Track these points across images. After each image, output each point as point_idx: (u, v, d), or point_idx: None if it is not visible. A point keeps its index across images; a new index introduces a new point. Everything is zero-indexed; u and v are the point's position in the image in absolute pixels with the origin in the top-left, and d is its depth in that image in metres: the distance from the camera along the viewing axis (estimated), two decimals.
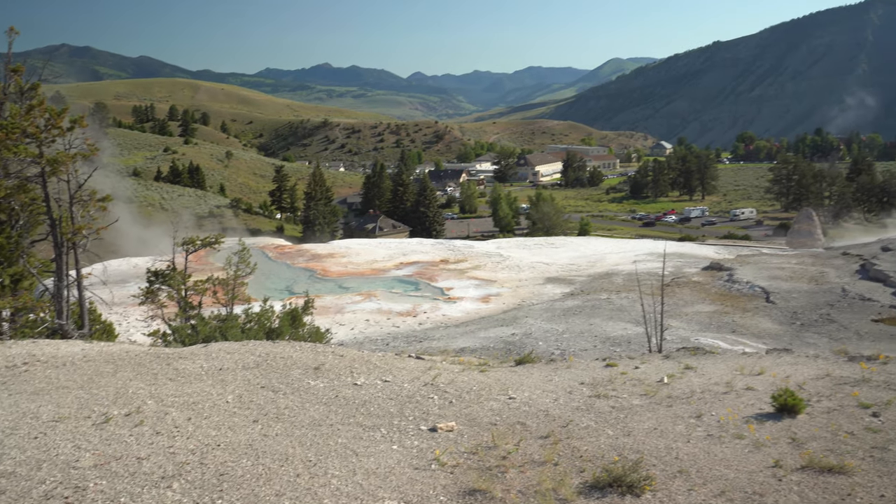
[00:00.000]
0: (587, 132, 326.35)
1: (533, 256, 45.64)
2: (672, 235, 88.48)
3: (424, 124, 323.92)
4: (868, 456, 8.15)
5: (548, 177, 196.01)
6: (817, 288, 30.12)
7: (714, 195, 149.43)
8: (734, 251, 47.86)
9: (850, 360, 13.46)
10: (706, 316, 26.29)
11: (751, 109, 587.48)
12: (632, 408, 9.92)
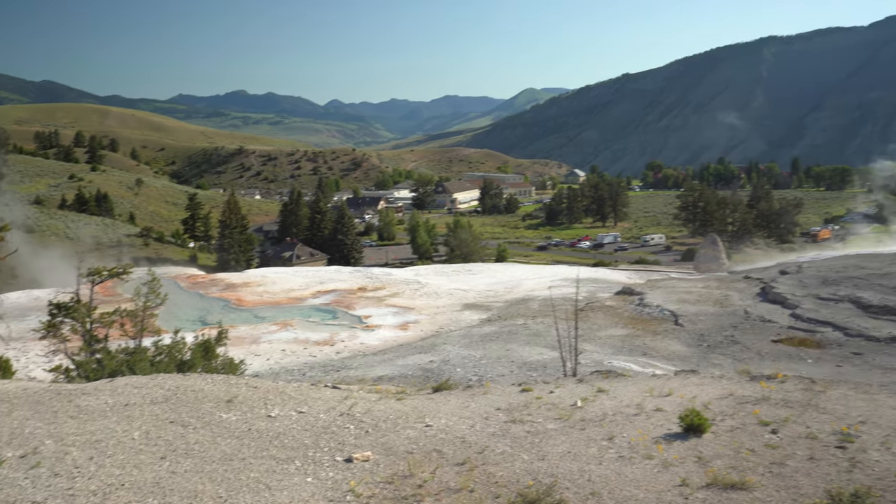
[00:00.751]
0: (503, 160, 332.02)
1: (451, 283, 45.89)
2: (586, 261, 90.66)
3: (342, 152, 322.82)
4: (767, 472, 8.51)
5: (465, 204, 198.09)
6: (722, 310, 31.33)
7: (626, 221, 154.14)
8: (645, 276, 49.35)
9: (752, 379, 14.06)
10: (619, 339, 26.96)
11: (659, 139, 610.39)
12: (546, 432, 10.07)
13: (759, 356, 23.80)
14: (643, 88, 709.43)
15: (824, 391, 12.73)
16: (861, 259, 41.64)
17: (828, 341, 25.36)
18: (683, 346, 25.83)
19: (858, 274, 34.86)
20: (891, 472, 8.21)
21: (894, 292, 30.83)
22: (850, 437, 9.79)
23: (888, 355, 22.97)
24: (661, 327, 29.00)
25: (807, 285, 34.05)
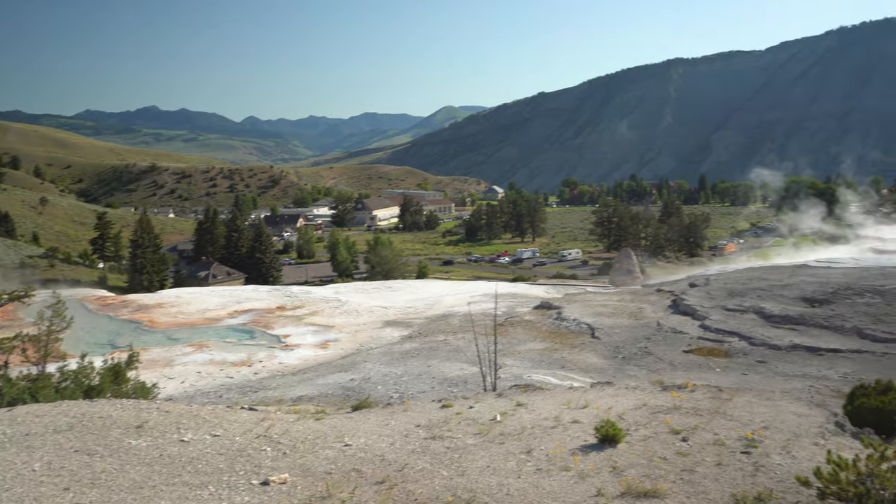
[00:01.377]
0: (423, 177, 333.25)
1: (371, 300, 45.64)
2: (505, 276, 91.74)
3: (259, 169, 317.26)
4: (678, 479, 8.79)
5: (385, 221, 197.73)
6: (636, 323, 32.22)
7: (543, 237, 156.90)
8: (563, 290, 50.29)
9: (664, 389, 14.51)
10: (538, 353, 27.36)
11: (574, 156, 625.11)
12: (466, 447, 10.13)
13: (672, 366, 24.57)
14: (558, 107, 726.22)
15: (731, 399, 13.26)
16: (764, 271, 43.61)
17: (734, 350, 26.41)
18: (600, 359, 26.43)
19: (761, 285, 36.49)
20: (791, 474, 8.60)
21: (794, 303, 32.41)
22: (755, 442, 10.22)
23: (789, 363, 24.10)
24: (578, 340, 29.59)
25: (714, 297, 35.40)
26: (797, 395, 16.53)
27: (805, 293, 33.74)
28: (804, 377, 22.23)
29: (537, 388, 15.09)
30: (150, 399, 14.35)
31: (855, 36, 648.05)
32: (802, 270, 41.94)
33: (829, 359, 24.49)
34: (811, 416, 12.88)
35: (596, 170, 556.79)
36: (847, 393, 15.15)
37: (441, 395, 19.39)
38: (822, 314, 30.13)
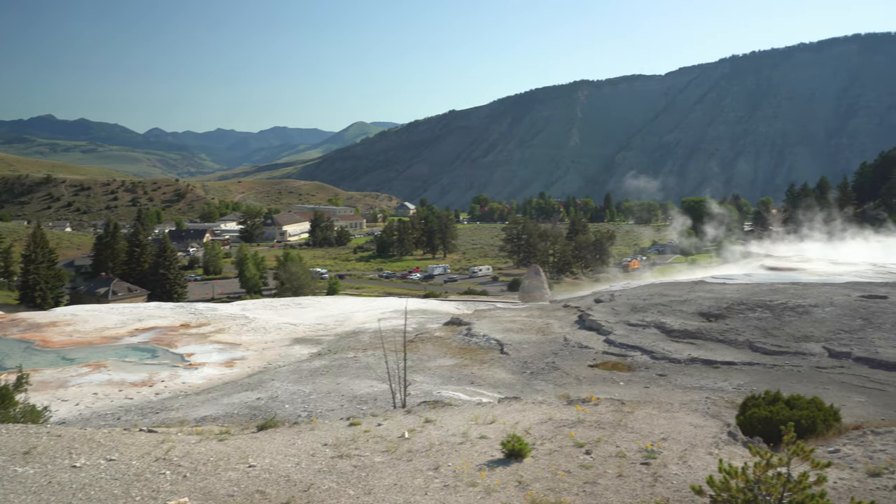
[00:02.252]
0: (334, 192, 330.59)
1: (280, 317, 44.79)
2: (417, 292, 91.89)
3: (164, 182, 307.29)
4: (581, 491, 8.99)
5: (296, 236, 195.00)
6: (544, 338, 32.82)
7: (455, 253, 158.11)
8: (473, 306, 50.73)
9: (570, 403, 14.82)
10: (447, 369, 27.47)
11: (484, 174, 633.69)
12: (374, 465, 10.06)
13: (578, 381, 25.12)
14: (469, 125, 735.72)
15: (632, 412, 13.67)
16: (664, 287, 45.25)
17: (637, 364, 27.24)
18: (508, 374, 26.76)
19: (662, 301, 37.86)
20: (687, 484, 8.94)
21: (692, 317, 33.76)
22: (654, 453, 10.57)
23: (688, 375, 25.04)
24: (487, 356, 29.87)
25: (618, 313, 36.47)
26: (695, 406, 17.20)
27: (702, 308, 35.20)
28: (701, 389, 23.12)
29: (446, 405, 15.15)
30: (39, 423, 13.63)
31: (746, 64, 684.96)
32: (700, 286, 43.75)
33: (724, 371, 25.58)
34: (707, 427, 13.42)
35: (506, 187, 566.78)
36: (740, 404, 15.89)
37: (350, 412, 19.19)
38: (718, 328, 31.48)
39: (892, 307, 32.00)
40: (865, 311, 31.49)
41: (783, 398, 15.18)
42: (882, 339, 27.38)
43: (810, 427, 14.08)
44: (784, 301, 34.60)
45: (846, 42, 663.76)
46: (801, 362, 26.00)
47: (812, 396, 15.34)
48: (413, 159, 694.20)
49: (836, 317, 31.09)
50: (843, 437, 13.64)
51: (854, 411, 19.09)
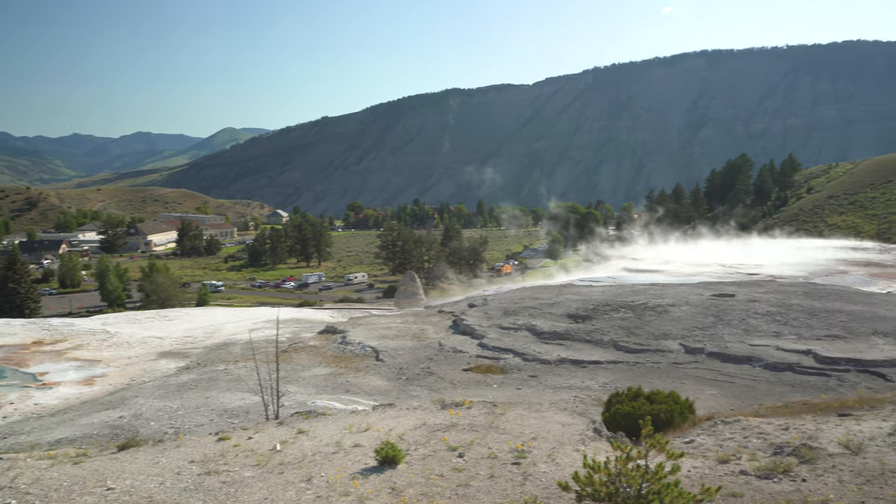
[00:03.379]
0: (203, 200, 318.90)
1: (145, 331, 42.71)
2: (291, 301, 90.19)
3: (13, 190, 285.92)
4: (454, 494, 9.10)
5: (162, 246, 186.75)
6: (419, 344, 33.01)
7: (329, 261, 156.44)
8: (348, 314, 50.37)
9: (443, 408, 14.99)
10: (322, 378, 27.12)
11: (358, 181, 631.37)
12: (243, 480, 9.79)
13: (453, 385, 25.42)
14: (342, 131, 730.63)
15: (504, 413, 13.99)
16: (535, 291, 46.63)
17: (510, 367, 27.90)
18: (384, 381, 26.72)
19: (533, 304, 38.99)
20: (555, 481, 9.24)
21: (561, 319, 34.96)
22: (524, 453, 10.86)
23: (557, 376, 25.90)
24: (363, 363, 29.72)
25: (491, 316, 37.24)
26: (563, 405, 17.82)
27: (570, 310, 36.53)
28: (570, 388, 23.97)
29: (320, 415, 14.96)
30: None
31: (607, 76, 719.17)
32: (568, 289, 45.40)
33: (590, 370, 26.63)
34: (574, 425, 13.94)
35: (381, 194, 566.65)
36: (605, 401, 16.58)
37: (220, 427, 18.56)
38: (585, 329, 32.77)
39: (740, 304, 34.41)
40: (716, 309, 33.70)
41: (644, 394, 15.95)
42: (731, 335, 29.39)
43: (668, 420, 14.88)
44: (645, 301, 36.47)
45: (696, 57, 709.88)
46: (660, 359, 27.47)
47: (670, 391, 16.19)
48: (285, 166, 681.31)
49: (691, 315, 33.08)
50: (698, 427, 14.51)
51: (707, 403, 20.34)
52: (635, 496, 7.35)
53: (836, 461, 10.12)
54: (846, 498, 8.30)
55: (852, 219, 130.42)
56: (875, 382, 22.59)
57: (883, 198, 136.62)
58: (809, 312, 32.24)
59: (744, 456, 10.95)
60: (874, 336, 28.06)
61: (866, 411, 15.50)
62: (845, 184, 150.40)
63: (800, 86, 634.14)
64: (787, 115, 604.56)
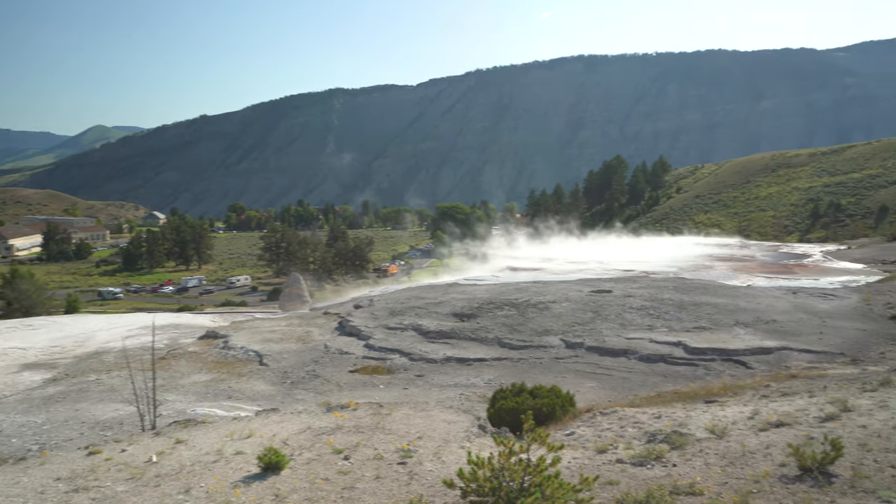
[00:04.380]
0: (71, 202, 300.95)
1: (5, 342, 39.88)
2: (170, 306, 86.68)
3: None
4: (339, 497, 9.00)
5: (25, 251, 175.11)
6: (304, 346, 32.50)
7: (210, 264, 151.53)
8: (230, 318, 48.89)
9: (329, 410, 14.82)
10: (203, 385, 26.21)
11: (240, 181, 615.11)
12: (115, 496, 9.31)
13: (339, 387, 25.17)
14: (222, 131, 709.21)
15: (390, 413, 13.98)
16: (421, 290, 46.89)
17: (396, 367, 27.91)
18: (268, 385, 26.13)
19: (419, 304, 39.18)
20: (440, 479, 9.31)
21: (447, 318, 35.32)
22: (410, 452, 10.88)
23: (444, 374, 26.14)
24: (246, 368, 28.95)
25: (378, 317, 37.14)
26: (450, 403, 17.99)
27: (456, 309, 36.95)
28: (456, 386, 24.24)
29: (200, 423, 14.45)
30: None
31: (489, 78, 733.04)
32: (453, 288, 45.92)
33: (476, 368, 27.04)
34: (459, 422, 14.10)
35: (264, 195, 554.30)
36: (490, 397, 16.87)
37: (92, 440, 17.59)
38: (470, 327, 33.23)
39: (616, 300, 35.86)
40: (595, 305, 34.98)
41: (527, 389, 16.34)
42: (608, 329, 30.59)
43: (550, 414, 15.31)
44: (527, 299, 37.38)
45: (573, 62, 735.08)
46: (543, 354, 28.23)
47: (552, 385, 16.65)
48: (162, 166, 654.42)
49: (571, 311, 34.18)
50: (578, 420, 15.00)
51: (587, 396, 21.07)
52: (518, 489, 7.50)
53: (703, 445, 10.71)
54: (711, 479, 8.80)
55: (717, 217, 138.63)
56: (738, 370, 24.10)
57: (743, 197, 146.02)
58: (679, 306, 34.00)
59: (620, 445, 11.41)
60: (736, 327, 29.94)
61: (730, 397, 16.52)
62: (710, 184, 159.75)
63: (668, 91, 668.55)
64: (657, 119, 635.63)
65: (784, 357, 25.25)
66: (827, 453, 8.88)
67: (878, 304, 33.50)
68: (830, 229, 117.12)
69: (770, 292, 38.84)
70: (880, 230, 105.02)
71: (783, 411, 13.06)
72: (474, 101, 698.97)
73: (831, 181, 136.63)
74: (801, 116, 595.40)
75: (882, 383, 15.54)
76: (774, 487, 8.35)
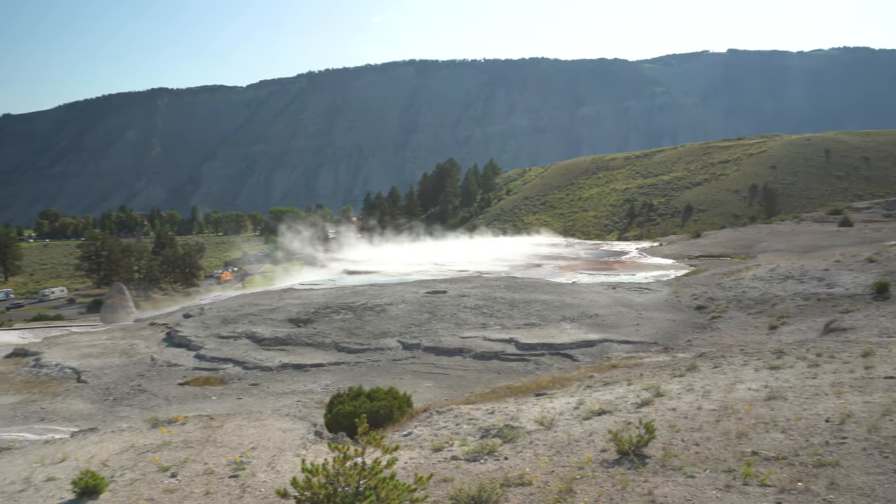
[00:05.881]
0: None
1: None
2: None
3: None
4: None
5: None
6: (128, 360, 30.61)
7: (20, 276, 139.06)
8: (42, 333, 45.13)
9: (155, 426, 14.04)
10: (10, 408, 23.96)
11: (54, 186, 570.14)
12: None
13: (167, 401, 23.92)
14: (31, 131, 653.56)
15: (222, 425, 13.46)
16: (255, 297, 45.57)
17: (230, 377, 26.94)
18: (87, 404, 24.35)
19: (253, 311, 38.04)
20: (273, 489, 9.07)
21: (282, 324, 34.57)
22: (243, 464, 10.52)
23: (280, 382, 25.56)
24: (61, 387, 26.82)
25: (209, 326, 35.67)
26: (286, 411, 17.62)
27: (291, 315, 36.23)
28: (293, 393, 23.75)
29: (5, 449, 13.20)
30: None
31: (322, 80, 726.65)
32: (289, 294, 45.02)
33: (313, 373, 26.65)
34: (295, 430, 13.84)
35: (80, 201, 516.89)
36: (328, 403, 16.69)
37: None
38: (307, 333, 32.71)
39: (451, 300, 36.64)
40: (430, 306, 35.54)
41: (365, 392, 16.33)
42: (444, 329, 31.20)
43: (388, 415, 15.38)
44: (364, 302, 37.34)
45: (405, 66, 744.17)
46: (380, 357, 28.32)
47: (389, 387, 16.75)
48: None
49: (408, 313, 34.53)
50: (415, 420, 15.17)
51: (424, 395, 21.37)
52: (353, 494, 7.45)
53: (533, 437, 11.17)
54: (539, 469, 9.19)
55: (544, 217, 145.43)
56: (565, 363, 25.38)
57: (567, 198, 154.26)
58: (511, 304, 35.29)
59: (455, 442, 11.65)
60: (563, 322, 31.53)
61: (558, 389, 17.36)
62: (538, 186, 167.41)
63: (497, 97, 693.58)
64: (487, 123, 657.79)
65: (606, 348, 26.90)
66: (641, 437, 9.56)
67: (686, 295, 36.48)
68: (644, 227, 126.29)
69: (593, 288, 41.22)
70: (686, 228, 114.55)
71: (605, 400, 13.89)
72: (307, 104, 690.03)
73: (644, 183, 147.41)
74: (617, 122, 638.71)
75: (689, 368, 16.95)
76: (596, 472, 8.86)
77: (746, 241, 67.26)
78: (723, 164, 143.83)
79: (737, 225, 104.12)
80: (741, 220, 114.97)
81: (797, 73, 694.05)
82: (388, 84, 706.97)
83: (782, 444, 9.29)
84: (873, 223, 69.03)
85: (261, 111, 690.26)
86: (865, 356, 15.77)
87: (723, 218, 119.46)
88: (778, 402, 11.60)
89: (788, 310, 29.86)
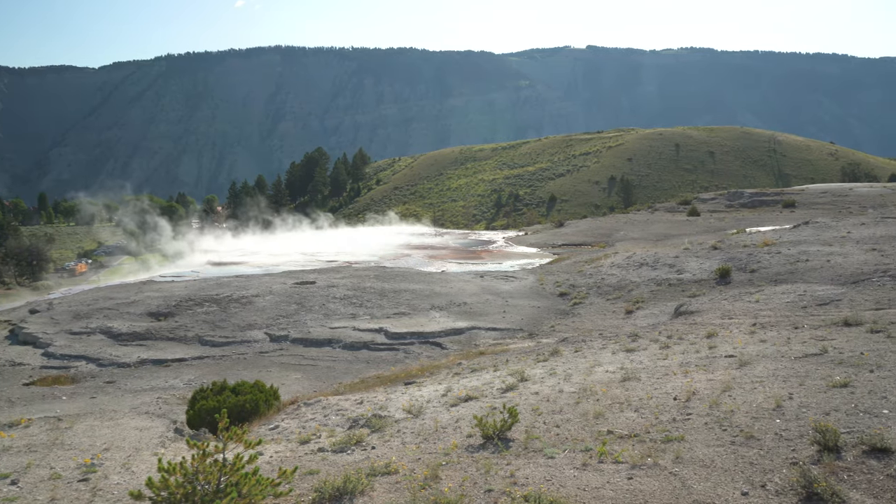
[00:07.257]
0: None
1: None
2: None
3: None
4: None
5: None
6: None
7: None
8: None
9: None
10: None
11: None
12: None
13: (10, 403, 22.20)
14: None
15: (71, 427, 12.66)
16: (111, 290, 43.14)
17: (82, 375, 25.38)
18: None
19: (109, 305, 36.00)
20: (127, 491, 8.62)
21: (141, 318, 32.93)
22: (94, 467, 9.93)
23: (138, 378, 24.32)
24: None
25: (59, 321, 33.45)
26: (145, 409, 16.82)
27: (151, 308, 34.57)
28: (153, 390, 22.67)
29: None
30: None
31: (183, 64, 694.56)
32: (148, 286, 42.92)
33: (175, 369, 25.55)
34: (154, 428, 13.23)
35: None
36: (190, 398, 16.04)
37: None
38: (168, 327, 31.31)
39: (320, 290, 36.17)
40: (299, 297, 34.94)
41: (230, 386, 15.82)
42: (312, 320, 30.76)
43: (254, 409, 14.99)
44: (230, 294, 36.19)
45: (271, 52, 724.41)
46: (246, 350, 27.55)
47: (256, 380, 16.31)
48: None
49: (275, 304, 33.79)
50: (283, 413, 14.88)
51: (293, 388, 20.98)
52: (213, 492, 7.19)
53: (401, 426, 11.21)
54: (406, 458, 9.22)
55: (414, 207, 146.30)
56: (434, 351, 25.65)
57: (437, 188, 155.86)
58: (380, 294, 35.26)
59: (323, 434, 11.50)
60: (432, 310, 31.85)
61: (427, 377, 17.53)
62: (407, 176, 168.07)
63: (365, 86, 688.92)
64: (356, 112, 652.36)
65: (474, 336, 27.41)
66: (505, 421, 9.81)
67: (549, 283, 37.76)
68: (511, 217, 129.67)
69: (461, 277, 41.88)
70: (551, 217, 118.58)
71: (472, 386, 14.14)
72: (166, 89, 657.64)
73: (511, 174, 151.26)
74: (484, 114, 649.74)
75: (552, 353, 17.55)
76: (461, 458, 8.99)
77: (606, 230, 70.37)
78: (584, 156, 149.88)
79: (597, 214, 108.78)
80: (601, 209, 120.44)
81: (650, 70, 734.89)
82: (253, 70, 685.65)
83: (635, 422, 9.79)
84: (717, 213, 74.00)
85: (115, 95, 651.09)
86: (709, 337, 16.90)
87: (584, 208, 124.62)
88: (632, 383, 12.22)
89: (643, 295, 31.55)
